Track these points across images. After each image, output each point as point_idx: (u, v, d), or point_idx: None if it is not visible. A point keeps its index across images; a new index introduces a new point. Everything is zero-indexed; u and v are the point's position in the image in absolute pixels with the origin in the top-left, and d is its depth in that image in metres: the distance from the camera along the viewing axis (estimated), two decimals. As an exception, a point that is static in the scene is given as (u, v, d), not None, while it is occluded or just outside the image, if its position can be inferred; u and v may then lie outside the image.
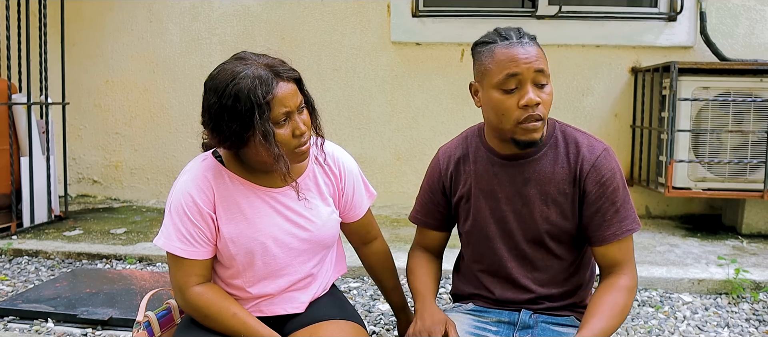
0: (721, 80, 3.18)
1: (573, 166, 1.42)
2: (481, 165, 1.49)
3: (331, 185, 1.52)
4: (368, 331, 1.95)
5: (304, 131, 1.34)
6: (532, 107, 1.33)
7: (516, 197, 1.45)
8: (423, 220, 1.63)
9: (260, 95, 1.26)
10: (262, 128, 1.27)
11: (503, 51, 1.34)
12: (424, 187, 1.62)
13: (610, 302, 1.36)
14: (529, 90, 1.32)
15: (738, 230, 3.38)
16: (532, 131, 1.36)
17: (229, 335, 1.38)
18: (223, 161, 1.43)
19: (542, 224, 1.44)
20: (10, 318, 2.26)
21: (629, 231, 1.41)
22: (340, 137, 3.86)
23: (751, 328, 2.24)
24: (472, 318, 1.51)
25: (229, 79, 1.28)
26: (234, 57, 1.35)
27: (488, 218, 1.49)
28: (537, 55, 1.34)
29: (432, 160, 1.62)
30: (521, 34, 1.36)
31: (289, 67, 1.35)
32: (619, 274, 1.41)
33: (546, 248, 1.47)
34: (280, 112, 1.29)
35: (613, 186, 1.40)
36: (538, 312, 1.50)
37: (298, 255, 1.46)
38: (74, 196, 4.20)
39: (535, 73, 1.33)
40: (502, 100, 1.34)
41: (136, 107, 4.11)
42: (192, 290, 1.38)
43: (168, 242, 1.37)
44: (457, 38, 3.78)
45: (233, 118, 1.28)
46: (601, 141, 1.46)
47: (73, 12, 3.98)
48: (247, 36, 3.91)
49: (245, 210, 1.40)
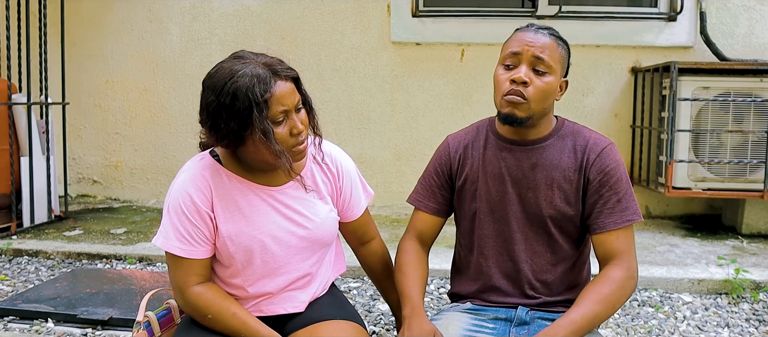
0: (721, 80, 3.18)
1: (579, 155, 1.48)
2: (490, 150, 1.54)
3: (329, 184, 1.52)
4: (368, 331, 1.95)
5: (302, 130, 1.35)
6: (518, 83, 1.40)
7: (522, 180, 1.49)
8: (423, 202, 1.63)
9: (258, 93, 1.26)
10: (262, 126, 1.27)
11: (517, 34, 1.45)
12: (428, 170, 1.64)
13: (597, 290, 1.38)
14: (521, 68, 1.40)
15: (738, 230, 3.38)
16: (511, 104, 1.42)
17: (229, 334, 1.38)
18: (220, 160, 1.43)
19: (546, 209, 1.48)
20: (10, 318, 2.26)
21: (629, 221, 1.44)
22: (340, 137, 3.86)
23: (751, 328, 2.24)
24: (470, 316, 1.52)
25: (228, 77, 1.28)
26: (232, 56, 1.34)
27: (494, 200, 1.52)
28: (542, 44, 1.40)
29: (440, 145, 1.64)
30: (542, 27, 1.44)
31: (287, 66, 1.35)
32: (614, 265, 1.42)
33: (548, 233, 1.50)
34: (278, 111, 1.29)
35: (616, 176, 1.45)
36: (535, 308, 1.51)
37: (297, 253, 1.46)
38: (74, 196, 4.20)
39: (533, 58, 1.40)
40: (500, 74, 1.45)
41: (136, 107, 4.11)
42: (192, 290, 1.38)
43: (167, 241, 1.37)
44: (457, 38, 3.78)
45: (231, 117, 1.27)
46: (606, 138, 1.51)
47: (73, 12, 3.98)
48: (247, 36, 3.91)
49: (243, 208, 1.40)
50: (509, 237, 1.52)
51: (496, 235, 1.53)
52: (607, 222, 1.44)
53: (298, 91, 1.37)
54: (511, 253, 1.52)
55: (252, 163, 1.40)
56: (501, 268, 1.54)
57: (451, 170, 1.59)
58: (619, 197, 1.44)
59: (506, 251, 1.52)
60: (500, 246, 1.53)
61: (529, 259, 1.51)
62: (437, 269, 2.70)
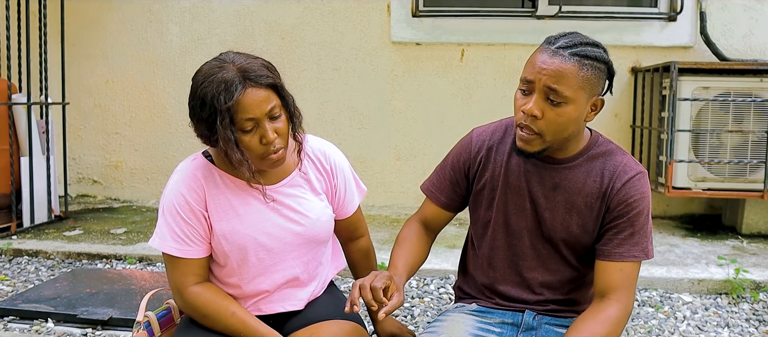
0: (721, 80, 3.17)
1: (606, 181, 1.40)
2: (514, 160, 1.47)
3: (323, 181, 1.52)
4: (368, 331, 1.95)
5: (272, 139, 1.32)
6: (527, 117, 1.31)
7: (541, 199, 1.44)
8: (435, 194, 1.60)
9: (222, 101, 1.26)
10: (224, 134, 1.28)
11: (536, 54, 1.32)
12: (447, 162, 1.59)
13: (591, 329, 1.32)
14: (532, 99, 1.30)
15: (738, 230, 3.38)
16: (520, 140, 1.35)
17: (228, 334, 1.38)
18: (213, 160, 1.43)
19: (560, 233, 1.44)
20: (10, 318, 2.26)
21: (635, 258, 1.37)
22: (340, 137, 3.86)
23: (751, 328, 2.24)
24: (476, 319, 1.50)
25: (201, 81, 1.30)
26: (217, 56, 1.35)
27: (511, 213, 1.48)
28: (558, 70, 1.27)
29: (464, 138, 1.58)
30: (566, 45, 1.29)
31: (267, 72, 1.32)
32: (611, 301, 1.36)
33: (560, 253, 1.47)
34: (244, 119, 1.28)
35: (637, 209, 1.37)
36: (542, 313, 1.50)
37: (292, 250, 1.46)
38: (74, 196, 4.20)
39: (546, 88, 1.28)
40: (517, 98, 1.36)
41: (136, 107, 4.11)
42: (190, 290, 1.38)
43: (163, 242, 1.38)
44: (457, 38, 3.78)
45: (200, 121, 1.31)
46: (639, 165, 1.42)
47: (73, 12, 3.98)
48: (247, 36, 3.91)
49: (236, 207, 1.41)
50: (520, 252, 1.49)
51: (507, 247, 1.50)
52: (614, 252, 1.38)
53: (279, 96, 1.34)
54: (519, 267, 1.50)
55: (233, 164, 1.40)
56: (509, 280, 1.52)
57: (470, 169, 1.54)
58: (633, 231, 1.37)
59: (516, 266, 1.50)
60: (510, 259, 1.51)
61: (539, 276, 1.49)
62: (437, 269, 2.70)
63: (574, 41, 1.30)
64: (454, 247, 2.99)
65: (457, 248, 2.95)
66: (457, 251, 2.83)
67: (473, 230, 1.59)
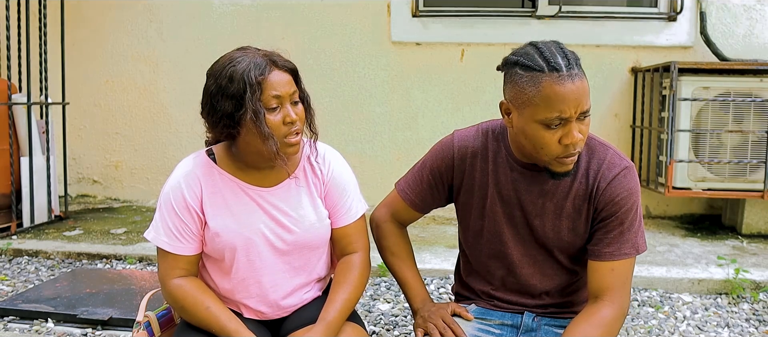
0: (721, 80, 3.17)
1: (591, 180, 1.39)
2: (502, 169, 1.45)
3: (318, 184, 1.52)
4: (368, 331, 1.95)
5: (295, 120, 1.36)
6: (577, 144, 1.28)
7: (531, 206, 1.43)
8: (410, 197, 1.57)
9: (253, 76, 1.31)
10: (253, 107, 1.30)
11: (553, 88, 1.23)
12: (426, 166, 1.55)
13: (585, 332, 1.31)
14: (573, 129, 1.26)
15: (738, 230, 3.38)
16: (569, 165, 1.32)
17: (203, 327, 1.39)
18: (215, 159, 1.44)
19: (553, 239, 1.43)
20: (10, 318, 2.26)
21: (625, 255, 1.36)
22: (340, 137, 3.86)
23: (751, 328, 2.24)
24: (475, 321, 1.50)
25: (227, 62, 1.34)
26: (236, 48, 1.40)
27: (502, 222, 1.46)
28: (585, 91, 1.25)
29: (445, 141, 1.53)
30: (570, 63, 1.26)
31: (287, 59, 1.40)
32: (605, 302, 1.35)
33: (555, 259, 1.47)
34: (271, 95, 1.32)
35: (625, 207, 1.36)
36: (542, 315, 1.51)
37: (284, 255, 1.46)
38: (74, 196, 4.20)
39: (581, 114, 1.27)
40: (543, 135, 1.28)
41: (136, 107, 4.11)
42: (172, 282, 1.40)
43: (156, 235, 1.41)
44: (457, 38, 3.78)
45: (227, 98, 1.32)
46: (624, 158, 1.40)
47: (73, 12, 3.98)
48: (247, 36, 3.91)
49: (232, 206, 1.41)
50: (516, 261, 1.48)
51: (502, 257, 1.49)
52: (604, 252, 1.37)
53: (297, 85, 1.40)
54: (516, 275, 1.49)
55: (246, 156, 1.40)
56: (508, 288, 1.52)
57: (452, 176, 1.51)
58: (622, 229, 1.36)
59: (513, 274, 1.50)
60: (506, 268, 1.50)
61: (538, 282, 1.49)
62: (437, 269, 2.71)
63: (569, 56, 1.28)
64: (454, 247, 2.98)
65: (456, 248, 2.95)
66: (456, 250, 2.82)
67: (464, 238, 1.58)
